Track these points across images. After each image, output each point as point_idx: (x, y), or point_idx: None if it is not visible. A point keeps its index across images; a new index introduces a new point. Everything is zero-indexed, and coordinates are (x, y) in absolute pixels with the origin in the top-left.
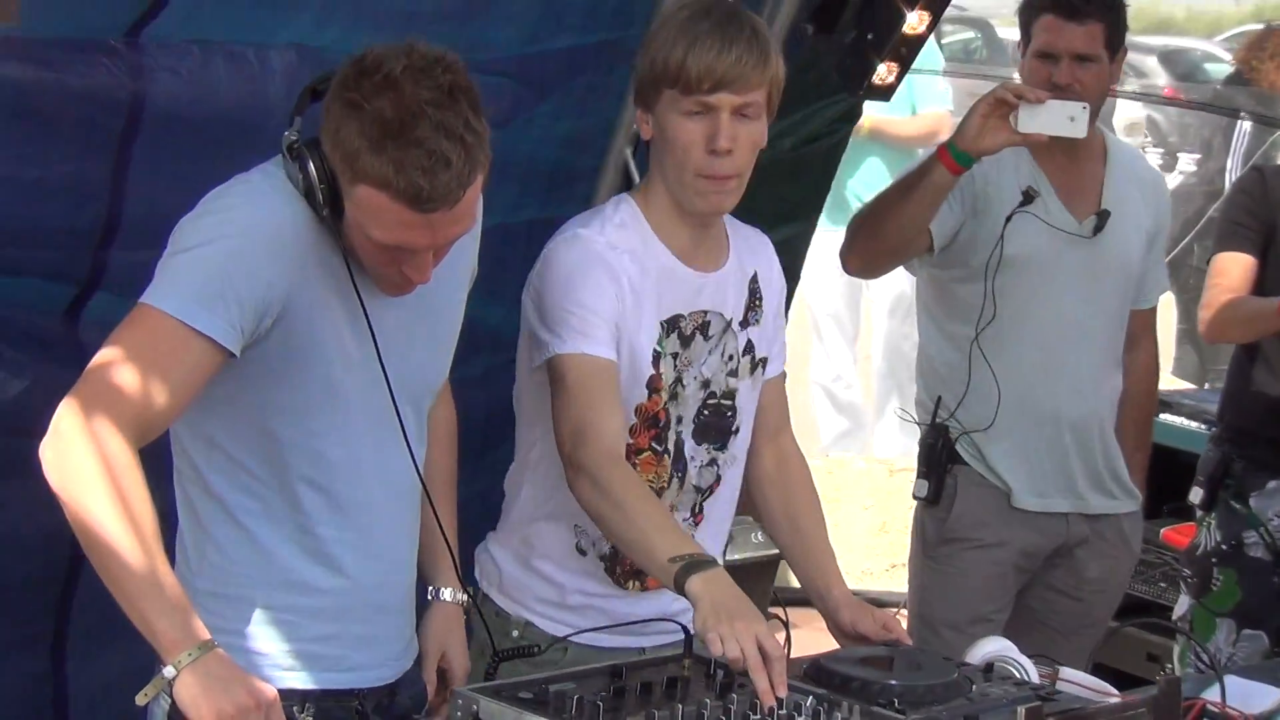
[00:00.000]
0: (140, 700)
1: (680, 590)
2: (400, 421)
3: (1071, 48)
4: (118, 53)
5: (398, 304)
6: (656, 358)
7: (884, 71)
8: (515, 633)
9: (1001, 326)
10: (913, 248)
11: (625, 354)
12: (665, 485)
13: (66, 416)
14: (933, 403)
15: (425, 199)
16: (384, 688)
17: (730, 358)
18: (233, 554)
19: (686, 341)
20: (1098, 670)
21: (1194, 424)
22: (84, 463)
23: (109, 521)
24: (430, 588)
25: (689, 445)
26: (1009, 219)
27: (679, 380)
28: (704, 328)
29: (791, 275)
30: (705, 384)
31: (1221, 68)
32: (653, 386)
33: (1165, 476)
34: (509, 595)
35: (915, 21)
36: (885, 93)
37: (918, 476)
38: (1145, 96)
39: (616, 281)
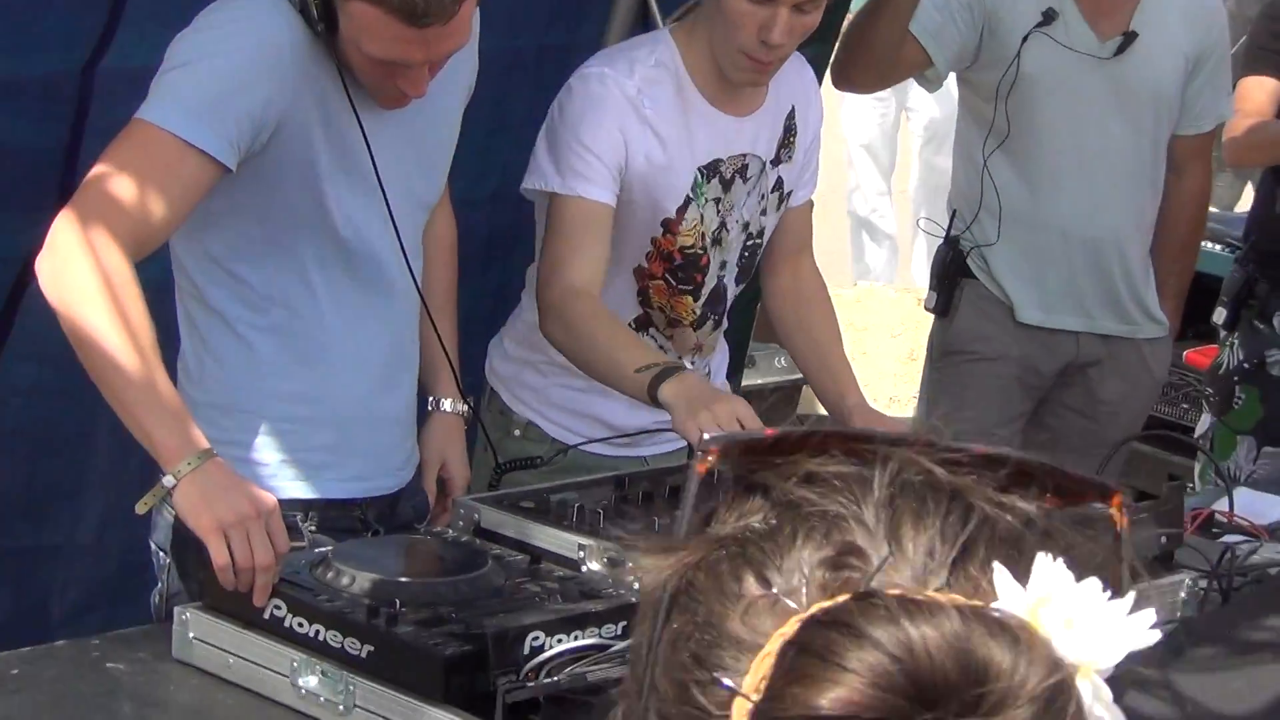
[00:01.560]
0: (140, 509)
1: (653, 399)
2: (397, 235)
3: None
4: None
5: (392, 120)
6: (687, 204)
7: None
8: (517, 432)
9: (1014, 145)
10: (899, 63)
11: (641, 194)
12: (683, 319)
13: (63, 230)
14: (950, 215)
15: (420, 14)
16: (386, 498)
17: (763, 197)
18: (232, 366)
19: (727, 185)
20: None
21: (1218, 247)
22: (81, 276)
23: (107, 333)
24: (430, 398)
25: (730, 289)
26: (1025, 39)
27: (723, 225)
28: (743, 170)
29: None
30: (745, 226)
31: None
32: (668, 228)
33: (1189, 299)
34: (514, 394)
35: None
36: None
37: (929, 289)
38: None
39: (632, 126)
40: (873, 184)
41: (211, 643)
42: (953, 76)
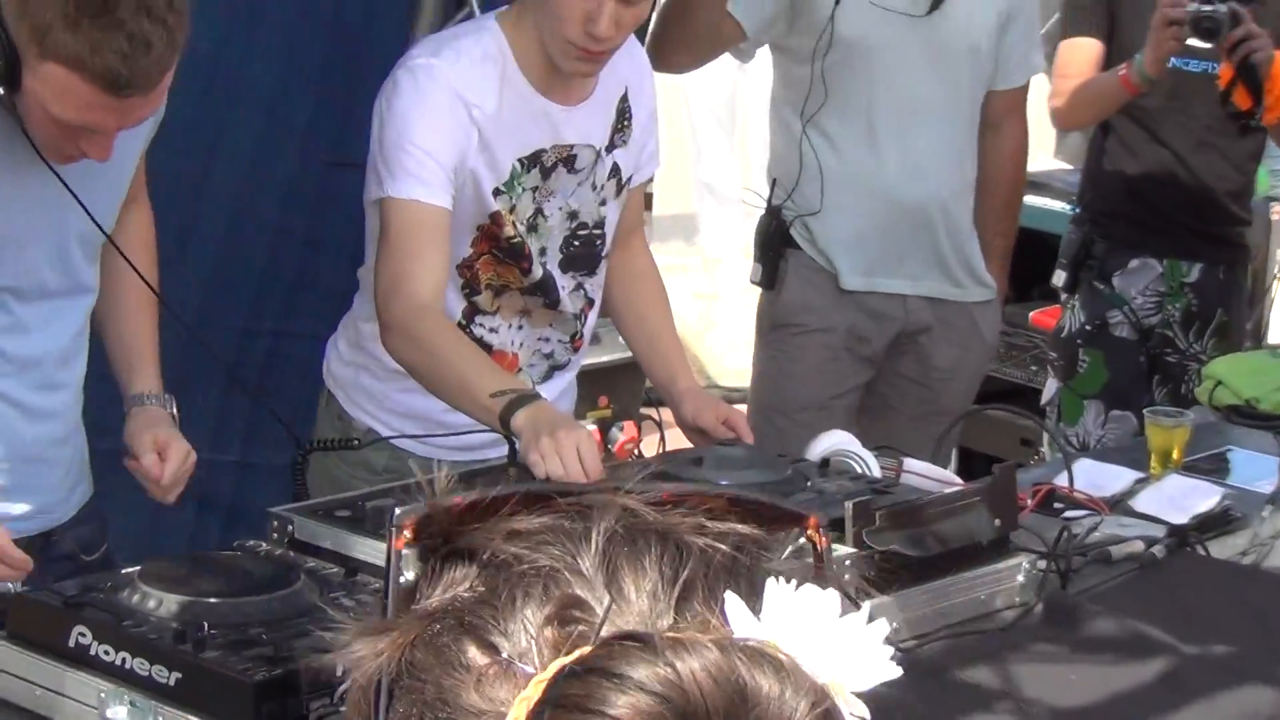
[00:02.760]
0: None
1: (505, 427)
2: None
3: None
4: None
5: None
6: (496, 194)
7: None
8: (357, 440)
9: (832, 109)
10: (716, 40)
11: (469, 188)
12: (511, 285)
13: None
14: (770, 186)
15: (122, 85)
16: (38, 536)
17: (599, 187)
18: None
19: (547, 174)
20: (968, 456)
21: (1064, 205)
22: None
23: None
24: (128, 396)
25: (557, 276)
26: (837, 1)
27: (539, 212)
28: (569, 161)
29: None
30: (573, 215)
31: None
32: (495, 220)
33: (1035, 259)
34: (352, 399)
35: None
36: None
37: (754, 261)
38: None
39: (463, 117)
40: (717, 149)
41: (16, 674)
42: None
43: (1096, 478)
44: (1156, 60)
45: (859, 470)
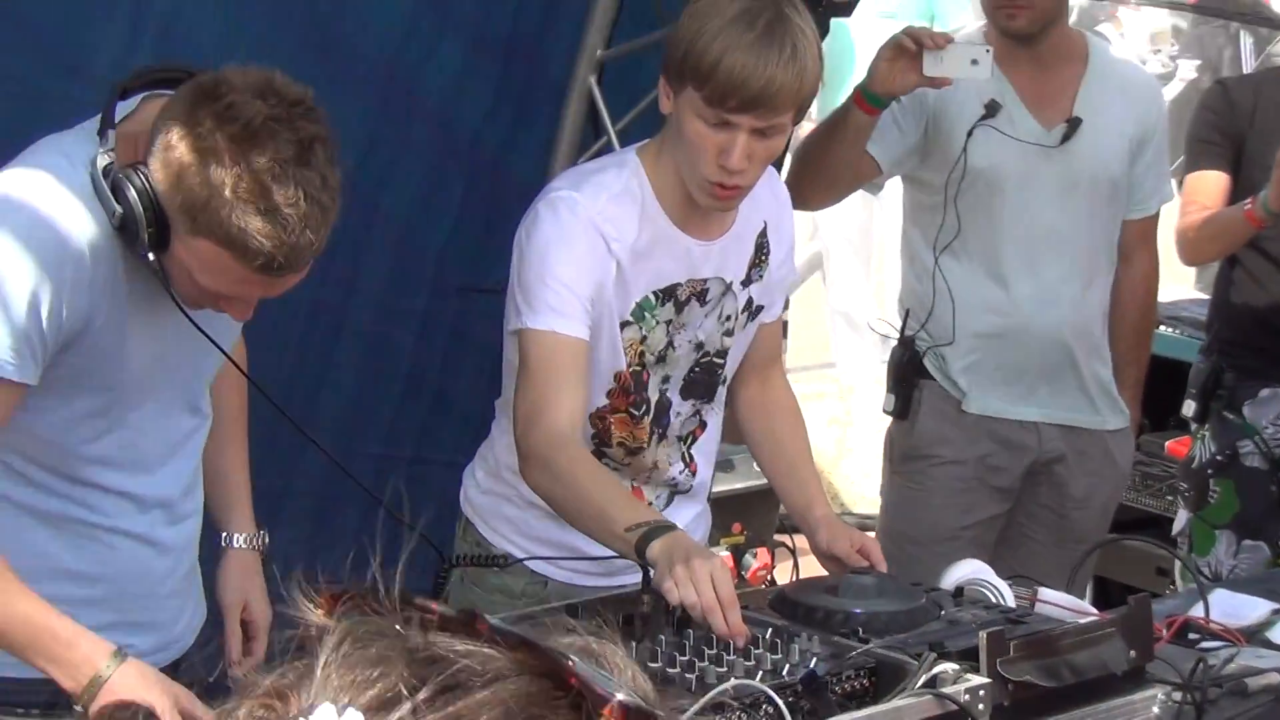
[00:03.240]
0: None
1: (641, 558)
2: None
3: None
4: None
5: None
6: (624, 326)
7: None
8: (502, 558)
9: (964, 240)
10: (854, 178)
11: (606, 323)
12: (645, 444)
13: None
14: (902, 317)
15: (275, 268)
16: (168, 668)
17: (728, 318)
18: (9, 546)
19: (680, 308)
20: (1104, 585)
21: (1196, 334)
22: None
23: None
24: (223, 535)
25: (675, 402)
26: (970, 133)
27: (670, 344)
28: (701, 295)
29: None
30: (699, 346)
31: None
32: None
33: (1169, 389)
34: (491, 526)
35: None
36: (845, 9)
37: (887, 391)
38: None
39: (601, 250)
40: (852, 277)
41: None
42: None
43: (1232, 608)
44: None
45: (993, 599)
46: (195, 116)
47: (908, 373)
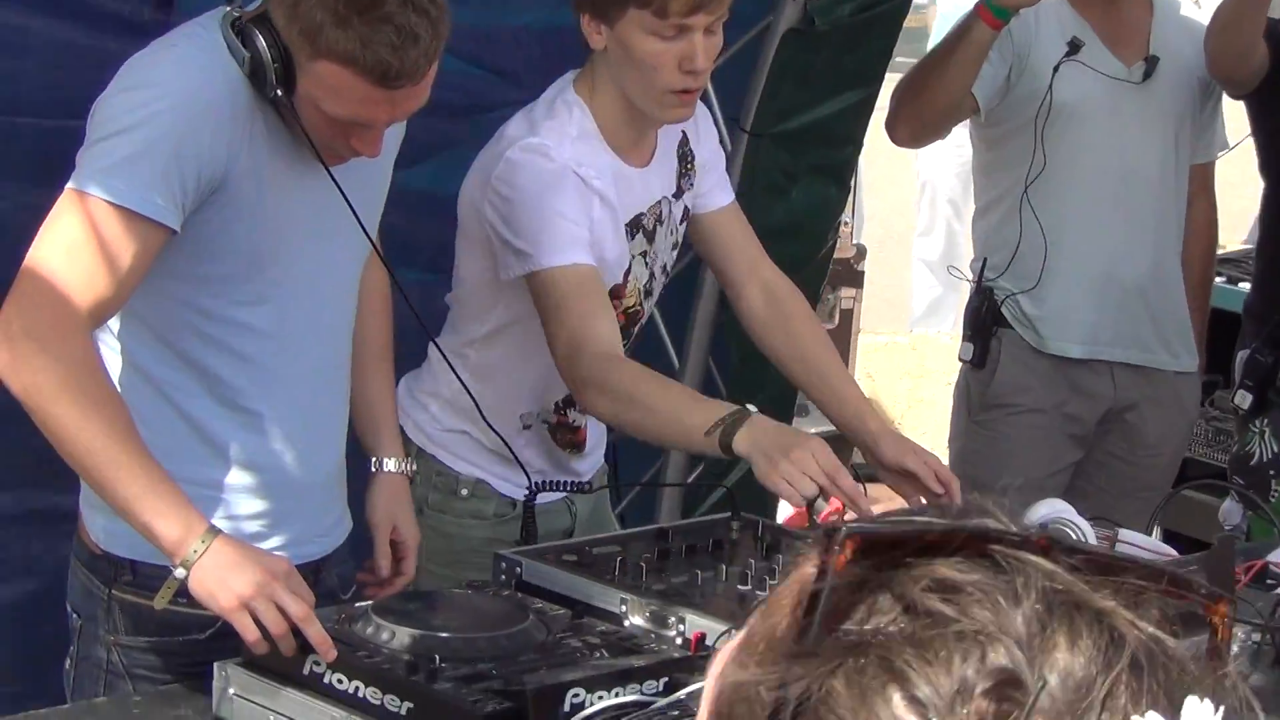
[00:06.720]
0: (158, 604)
1: (731, 456)
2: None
3: None
4: None
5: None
6: (631, 264)
7: None
8: (465, 491)
9: (1051, 178)
10: (959, 111)
11: (615, 276)
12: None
13: (16, 320)
14: (980, 264)
15: (393, 76)
16: (309, 564)
17: (673, 232)
18: (159, 429)
19: (650, 237)
20: (1170, 538)
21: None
22: (46, 371)
23: (83, 428)
24: (373, 459)
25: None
26: (1056, 68)
27: (651, 275)
28: (659, 219)
29: (854, 141)
30: (665, 269)
31: None
32: (615, 294)
33: (1227, 340)
34: (455, 453)
35: None
36: None
37: (963, 339)
38: None
39: (585, 192)
40: (943, 226)
41: (251, 699)
42: None
43: None
44: None
45: (1077, 537)
46: None
47: (986, 321)
